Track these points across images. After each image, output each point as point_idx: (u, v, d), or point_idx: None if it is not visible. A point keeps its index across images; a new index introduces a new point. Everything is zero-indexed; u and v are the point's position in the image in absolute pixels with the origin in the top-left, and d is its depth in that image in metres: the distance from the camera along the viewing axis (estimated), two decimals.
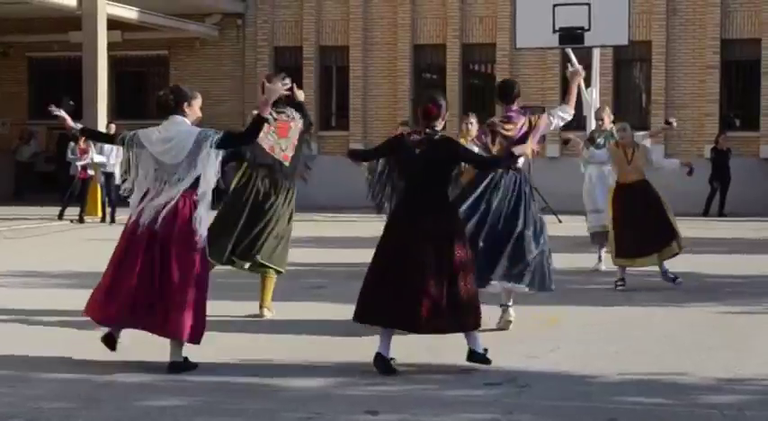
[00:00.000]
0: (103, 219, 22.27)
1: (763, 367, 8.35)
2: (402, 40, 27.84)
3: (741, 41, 26.29)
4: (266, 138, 10.20)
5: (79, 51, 24.74)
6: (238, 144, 9.11)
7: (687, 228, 18.47)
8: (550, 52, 25.34)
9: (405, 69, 27.81)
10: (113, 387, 7.60)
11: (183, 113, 8.29)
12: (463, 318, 8.12)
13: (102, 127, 23.17)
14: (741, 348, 9.21)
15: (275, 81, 9.65)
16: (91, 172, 22.27)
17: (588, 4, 21.05)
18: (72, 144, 22.35)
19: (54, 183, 26.40)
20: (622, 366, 8.34)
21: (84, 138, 22.03)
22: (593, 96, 22.55)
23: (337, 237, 19.43)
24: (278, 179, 10.37)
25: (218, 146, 8.17)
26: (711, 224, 22.03)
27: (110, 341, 8.29)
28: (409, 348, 8.96)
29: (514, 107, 9.97)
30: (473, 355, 8.18)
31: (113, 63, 27.17)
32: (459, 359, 8.31)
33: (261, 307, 10.49)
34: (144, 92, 30.50)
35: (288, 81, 10.02)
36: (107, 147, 22.07)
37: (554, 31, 21.43)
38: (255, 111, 8.35)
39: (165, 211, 8.06)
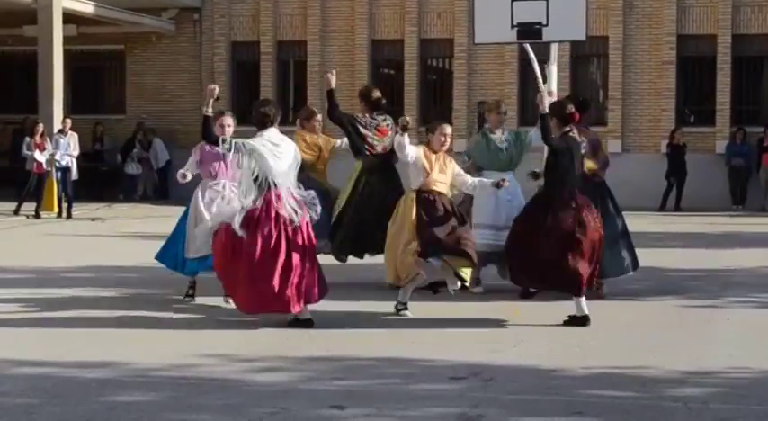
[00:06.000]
0: (60, 215, 22.07)
1: (725, 360, 8.42)
2: (360, 35, 27.75)
3: (697, 37, 26.43)
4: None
5: (34, 45, 24.50)
6: None
7: (645, 223, 18.70)
8: (508, 47, 25.35)
9: (363, 64, 27.71)
10: (77, 383, 7.53)
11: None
12: None
13: (57, 122, 22.96)
14: (703, 342, 9.28)
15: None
16: (47, 167, 22.05)
17: (546, 0, 21.10)
18: (27, 139, 22.13)
19: (8, 179, 26.11)
20: (586, 360, 8.37)
21: (40, 134, 21.87)
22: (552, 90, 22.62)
23: None
24: None
25: None
26: (668, 219, 22.16)
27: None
28: (375, 342, 8.97)
29: None
30: None
31: (69, 57, 26.83)
32: (425, 353, 8.31)
33: None
34: (100, 86, 30.28)
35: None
36: (62, 141, 21.90)
37: (512, 27, 21.40)
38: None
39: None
